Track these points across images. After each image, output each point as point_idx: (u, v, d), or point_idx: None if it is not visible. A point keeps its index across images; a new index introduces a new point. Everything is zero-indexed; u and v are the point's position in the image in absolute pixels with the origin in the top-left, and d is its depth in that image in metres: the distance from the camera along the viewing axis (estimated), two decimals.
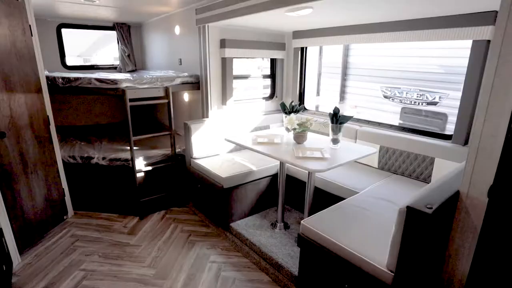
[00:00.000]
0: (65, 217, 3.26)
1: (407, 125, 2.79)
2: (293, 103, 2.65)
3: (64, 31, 4.33)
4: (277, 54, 3.60)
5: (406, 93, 4.59)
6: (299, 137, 2.38)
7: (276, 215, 2.99)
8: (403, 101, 4.65)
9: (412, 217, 1.34)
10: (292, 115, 2.35)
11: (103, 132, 4.30)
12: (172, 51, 4.04)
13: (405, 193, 2.32)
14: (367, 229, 1.85)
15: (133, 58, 4.86)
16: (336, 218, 1.96)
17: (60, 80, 2.95)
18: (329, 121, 2.33)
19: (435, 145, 2.48)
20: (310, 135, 2.59)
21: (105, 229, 3.06)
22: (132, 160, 3.06)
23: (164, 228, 3.09)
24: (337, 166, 1.95)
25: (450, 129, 4.20)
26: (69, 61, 4.46)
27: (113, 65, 4.88)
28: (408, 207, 1.35)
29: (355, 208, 2.08)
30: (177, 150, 3.43)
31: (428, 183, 2.51)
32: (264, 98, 3.79)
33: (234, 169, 2.82)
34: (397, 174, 2.74)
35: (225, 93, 3.30)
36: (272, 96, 3.82)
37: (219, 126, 3.24)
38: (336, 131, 2.27)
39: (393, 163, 2.75)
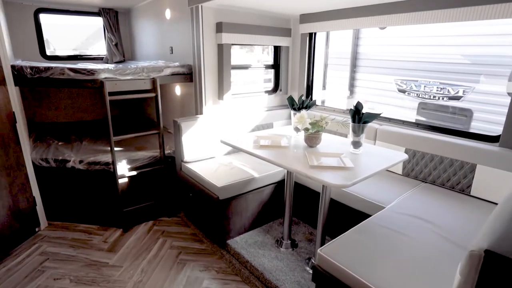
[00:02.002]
0: (37, 229, 2.82)
1: (437, 124, 2.34)
2: (303, 97, 2.19)
3: (46, 17, 3.86)
4: (281, 41, 3.13)
5: (425, 86, 4.12)
6: (312, 139, 1.93)
7: (281, 229, 2.56)
8: (420, 96, 4.19)
9: (494, 266, 0.90)
10: (304, 112, 1.90)
11: (87, 130, 3.85)
12: (162, 39, 3.57)
13: (444, 209, 1.87)
14: (405, 262, 1.40)
15: (121, 48, 4.38)
16: (362, 246, 1.51)
17: (28, 70, 2.49)
18: (349, 120, 1.88)
19: (476, 148, 2.03)
20: (323, 136, 2.14)
21: (81, 245, 2.63)
22: (113, 164, 2.61)
23: (151, 243, 2.66)
24: (364, 178, 1.50)
25: (475, 127, 3.75)
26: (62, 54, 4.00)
27: (99, 55, 4.41)
28: (487, 252, 0.90)
29: (385, 231, 1.63)
30: (167, 151, 2.98)
31: (468, 194, 2.06)
32: (266, 91, 3.33)
33: (232, 176, 2.37)
34: (426, 182, 2.30)
35: (221, 85, 2.83)
36: (275, 89, 3.36)
37: (215, 124, 2.78)
38: (358, 132, 1.82)
39: (422, 170, 2.30)
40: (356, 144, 1.87)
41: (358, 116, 1.79)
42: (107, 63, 4.28)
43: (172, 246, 2.61)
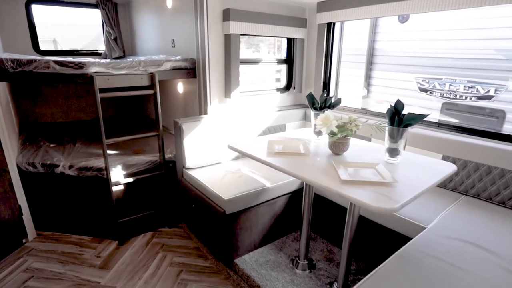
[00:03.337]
0: (24, 240, 2.54)
1: (475, 126, 2.01)
2: (325, 95, 1.86)
3: (41, 12, 3.59)
4: (296, 33, 2.80)
5: (450, 85, 3.76)
6: (339, 146, 1.60)
7: (296, 245, 2.24)
8: (444, 95, 3.83)
9: None
10: (329, 112, 1.57)
11: (84, 131, 3.56)
12: (164, 32, 3.26)
13: (502, 232, 1.53)
14: None
15: (120, 42, 4.08)
16: (410, 283, 1.18)
17: (10, 63, 2.20)
18: (386, 122, 1.55)
19: None
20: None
21: (71, 260, 2.33)
22: (106, 170, 2.32)
23: (149, 259, 2.36)
24: (414, 198, 1.17)
25: (507, 130, 3.38)
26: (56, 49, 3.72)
27: (97, 50, 4.12)
28: None
29: (435, 262, 1.30)
30: (168, 155, 2.67)
31: None
32: (278, 89, 3.00)
33: (241, 186, 2.05)
34: (468, 195, 1.96)
35: (229, 82, 2.52)
36: (288, 87, 3.03)
37: (221, 126, 2.46)
38: (397, 137, 1.49)
39: (462, 180, 1.96)
40: (393, 152, 1.54)
41: (398, 118, 1.46)
42: (106, 59, 4.00)
43: (173, 263, 2.30)
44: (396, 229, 1.75)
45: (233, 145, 1.79)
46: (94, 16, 4.04)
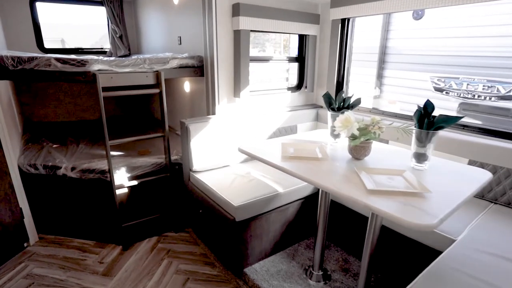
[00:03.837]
0: (25, 244, 2.45)
1: (505, 129, 1.85)
2: (343, 95, 1.73)
3: (45, 10, 3.51)
4: (308, 29, 2.67)
5: (468, 84, 3.59)
6: (360, 150, 1.47)
7: (309, 253, 2.12)
8: (461, 95, 3.66)
9: None
10: (350, 113, 1.44)
11: (88, 130, 3.47)
12: (170, 29, 3.15)
13: None
14: None
15: (126, 41, 3.99)
16: None
17: (10, 60, 2.10)
18: (413, 124, 1.42)
19: None
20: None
21: (73, 266, 2.24)
22: (110, 172, 2.21)
23: (154, 265, 2.25)
24: (452, 212, 1.03)
25: None
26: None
27: (102, 48, 4.03)
28: None
29: (471, 281, 1.17)
30: (174, 157, 2.56)
31: None
32: (288, 88, 2.87)
33: (251, 191, 1.93)
34: (498, 203, 1.81)
35: (238, 80, 2.39)
36: (299, 86, 2.90)
37: (230, 126, 2.34)
38: (425, 141, 1.36)
39: (491, 187, 1.82)
40: (421, 157, 1.40)
41: (428, 120, 1.32)
42: (111, 57, 3.91)
43: (179, 270, 2.19)
44: (421, 240, 1.61)
45: (244, 148, 1.67)
46: (101, 16, 3.96)
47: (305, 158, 1.51)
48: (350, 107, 1.69)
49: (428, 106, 1.33)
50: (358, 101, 1.71)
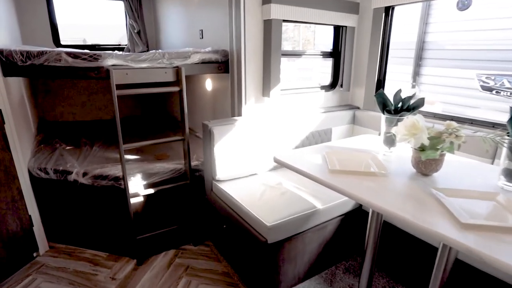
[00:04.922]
0: (35, 254, 2.27)
1: None
2: (401, 93, 1.42)
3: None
4: (346, 19, 2.35)
5: None
6: (431, 165, 1.16)
7: (349, 279, 1.81)
8: None
9: None
10: (419, 117, 1.13)
11: (104, 131, 3.29)
12: (191, 22, 2.91)
13: None
14: None
15: (144, 36, 3.80)
16: None
17: (19, 55, 1.91)
18: (500, 133, 1.09)
19: None
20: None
21: (83, 282, 2.03)
22: (124, 179, 1.98)
23: (171, 284, 2.00)
24: None
25: None
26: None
27: (119, 45, 3.86)
28: None
29: None
30: (195, 162, 2.32)
31: None
32: (322, 87, 2.57)
33: (285, 206, 1.64)
34: None
35: (268, 77, 2.11)
36: (334, 84, 2.59)
37: (258, 129, 2.06)
38: None
39: None
40: None
41: None
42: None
43: None
44: (503, 278, 1.27)
45: (280, 158, 1.39)
46: (122, 15, 3.79)
47: (361, 173, 1.21)
48: (411, 109, 1.37)
49: None
50: (421, 102, 1.39)
